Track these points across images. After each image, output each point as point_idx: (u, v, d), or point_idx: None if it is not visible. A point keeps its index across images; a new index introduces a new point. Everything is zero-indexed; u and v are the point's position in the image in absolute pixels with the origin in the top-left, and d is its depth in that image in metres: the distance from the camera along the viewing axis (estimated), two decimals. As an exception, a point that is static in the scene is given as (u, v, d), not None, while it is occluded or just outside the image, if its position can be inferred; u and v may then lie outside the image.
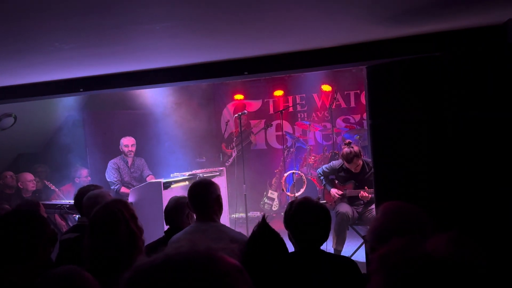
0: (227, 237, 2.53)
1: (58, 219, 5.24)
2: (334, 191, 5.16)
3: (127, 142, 6.12)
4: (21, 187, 5.90)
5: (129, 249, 1.98)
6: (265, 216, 1.97)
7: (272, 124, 7.86)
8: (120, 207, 2.07)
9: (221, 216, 2.78)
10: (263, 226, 1.93)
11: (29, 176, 5.97)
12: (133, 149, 6.12)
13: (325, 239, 2.32)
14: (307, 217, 2.27)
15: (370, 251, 1.94)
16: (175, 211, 3.21)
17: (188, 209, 3.19)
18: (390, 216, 1.83)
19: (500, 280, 0.87)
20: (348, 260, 2.39)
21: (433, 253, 0.88)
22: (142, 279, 0.78)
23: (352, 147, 4.95)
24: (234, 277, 0.79)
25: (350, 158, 4.92)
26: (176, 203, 3.26)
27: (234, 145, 7.57)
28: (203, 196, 2.67)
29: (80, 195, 3.32)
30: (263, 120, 8.12)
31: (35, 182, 5.96)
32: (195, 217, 2.79)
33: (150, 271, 0.78)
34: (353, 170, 5.04)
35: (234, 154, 7.46)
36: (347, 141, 5.22)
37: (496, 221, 2.72)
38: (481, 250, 0.87)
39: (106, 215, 2.04)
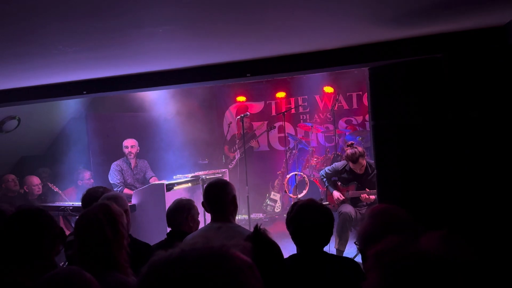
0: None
1: (62, 221, 5.26)
2: (337, 195, 5.16)
3: (127, 144, 6.14)
4: (27, 190, 5.90)
5: (103, 251, 2.08)
6: (258, 226, 1.78)
7: (275, 126, 7.87)
8: (98, 213, 2.16)
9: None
10: (256, 236, 1.81)
11: (35, 180, 5.94)
12: (133, 150, 6.12)
13: (326, 241, 2.29)
14: (307, 219, 2.25)
15: (361, 254, 1.95)
16: (176, 213, 3.21)
17: (186, 212, 3.20)
18: (377, 220, 1.84)
19: (492, 277, 0.90)
20: (351, 261, 2.38)
21: (426, 251, 0.90)
22: (158, 274, 0.81)
23: (356, 148, 4.95)
24: (246, 273, 0.82)
25: (355, 158, 4.91)
26: (177, 205, 3.26)
27: (237, 147, 7.58)
28: (219, 196, 2.61)
29: (89, 196, 3.31)
30: (265, 122, 8.13)
31: (40, 186, 5.97)
32: (210, 218, 2.72)
33: (165, 266, 0.81)
34: (357, 171, 5.04)
35: (237, 157, 7.47)
36: (349, 142, 5.22)
37: (499, 221, 2.73)
38: (470, 248, 0.90)
39: (82, 220, 2.17)
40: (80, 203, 3.48)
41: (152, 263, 0.83)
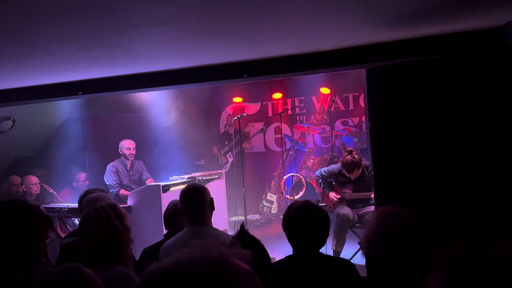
0: (222, 241, 2.51)
1: (58, 222, 5.22)
2: (332, 195, 5.15)
3: (129, 145, 6.07)
4: (25, 190, 5.87)
5: (111, 243, 2.09)
6: (243, 224, 1.88)
7: (265, 129, 7.83)
8: (104, 206, 2.19)
9: (220, 219, 2.77)
10: (241, 234, 1.88)
11: (33, 179, 5.93)
12: (134, 152, 6.10)
13: (322, 243, 2.30)
14: (303, 220, 2.26)
15: (366, 258, 1.92)
16: (175, 215, 3.19)
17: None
18: (384, 222, 1.81)
19: None
20: (346, 262, 2.38)
21: (502, 256, 0.85)
22: (154, 285, 0.77)
23: (354, 157, 4.90)
24: (246, 282, 0.78)
25: (350, 169, 4.92)
26: (175, 207, 3.25)
27: (227, 149, 7.54)
28: (198, 201, 2.67)
29: (84, 197, 3.29)
30: (255, 123, 8.10)
31: (39, 186, 5.94)
32: (188, 222, 2.76)
33: (162, 276, 0.77)
34: (352, 178, 5.05)
35: (230, 160, 7.45)
36: (349, 149, 5.17)
37: (500, 223, 2.72)
38: None
39: (90, 213, 2.18)
40: (77, 205, 3.45)
41: (147, 275, 0.79)
